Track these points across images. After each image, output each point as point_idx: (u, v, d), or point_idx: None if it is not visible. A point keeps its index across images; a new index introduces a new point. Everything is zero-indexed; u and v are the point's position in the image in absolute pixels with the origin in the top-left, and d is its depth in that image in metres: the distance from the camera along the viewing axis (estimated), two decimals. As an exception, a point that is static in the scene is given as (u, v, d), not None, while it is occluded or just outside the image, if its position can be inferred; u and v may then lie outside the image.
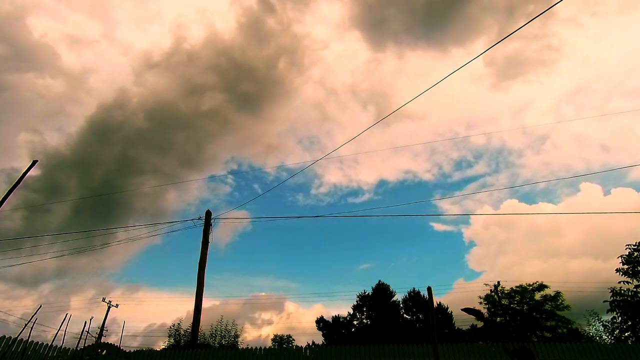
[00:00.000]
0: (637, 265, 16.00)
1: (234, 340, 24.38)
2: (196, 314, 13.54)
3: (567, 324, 25.72)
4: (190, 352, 11.29)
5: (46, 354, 9.36)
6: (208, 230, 15.44)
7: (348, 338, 30.10)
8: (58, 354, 9.90)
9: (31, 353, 9.06)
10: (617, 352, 10.38)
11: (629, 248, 16.57)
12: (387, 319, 29.78)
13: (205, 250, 14.89)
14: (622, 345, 10.75)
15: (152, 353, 11.55)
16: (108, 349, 11.21)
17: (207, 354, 11.32)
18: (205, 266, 14.50)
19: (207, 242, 15.14)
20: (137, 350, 12.07)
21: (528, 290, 28.46)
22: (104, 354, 11.04)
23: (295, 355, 11.21)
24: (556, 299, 27.14)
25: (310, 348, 12.06)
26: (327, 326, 32.45)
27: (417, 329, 29.05)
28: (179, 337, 23.48)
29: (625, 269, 16.20)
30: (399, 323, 29.84)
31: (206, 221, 15.64)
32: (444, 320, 29.98)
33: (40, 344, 9.33)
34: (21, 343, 8.76)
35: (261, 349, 11.33)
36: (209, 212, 15.85)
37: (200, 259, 14.59)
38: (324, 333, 32.32)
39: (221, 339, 24.08)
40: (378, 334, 28.45)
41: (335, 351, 11.09)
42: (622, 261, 16.52)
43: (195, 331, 13.53)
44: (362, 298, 32.80)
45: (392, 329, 28.66)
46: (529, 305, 28.02)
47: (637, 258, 16.14)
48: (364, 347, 11.07)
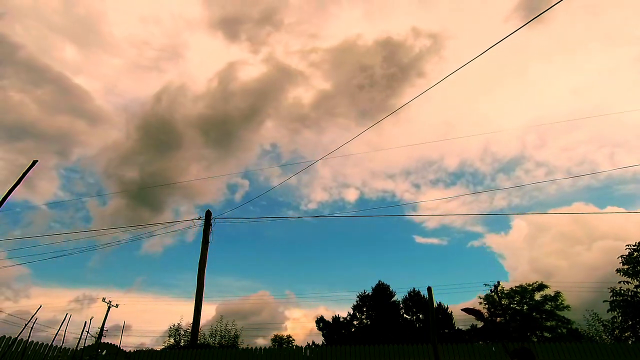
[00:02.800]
0: (637, 265, 16.00)
1: (233, 340, 24.39)
2: (196, 314, 13.54)
3: (567, 324, 25.73)
4: (190, 352, 11.28)
5: (46, 354, 9.36)
6: (208, 230, 15.44)
7: (348, 338, 30.09)
8: (58, 354, 9.89)
9: (31, 353, 9.05)
10: (617, 352, 10.38)
11: (629, 248, 16.57)
12: (387, 319, 29.78)
13: (205, 250, 14.89)
14: (622, 345, 10.75)
15: (152, 353, 11.54)
16: (108, 349, 11.21)
17: (207, 354, 11.32)
18: (205, 266, 14.51)
19: (207, 242, 15.14)
20: (137, 350, 12.07)
21: (528, 290, 28.47)
22: (104, 354, 11.05)
23: (295, 355, 11.20)
24: (556, 299, 27.16)
25: (310, 348, 12.05)
26: (327, 326, 32.45)
27: (417, 329, 29.05)
28: (179, 337, 23.51)
29: (625, 269, 16.21)
30: (399, 323, 29.84)
31: (206, 221, 15.65)
32: (444, 320, 29.99)
33: (40, 344, 9.33)
34: (21, 343, 8.76)
35: (261, 349, 11.33)
36: (209, 212, 15.85)
37: (200, 259, 14.60)
38: (324, 333, 32.32)
39: (221, 339, 24.08)
40: (378, 334, 28.45)
41: (335, 351, 11.09)
42: (622, 261, 16.53)
43: (195, 331, 13.54)
44: (362, 298, 32.80)
45: (392, 329, 28.67)
46: (529, 305, 28.04)
47: (637, 258, 16.14)
48: (364, 347, 11.07)
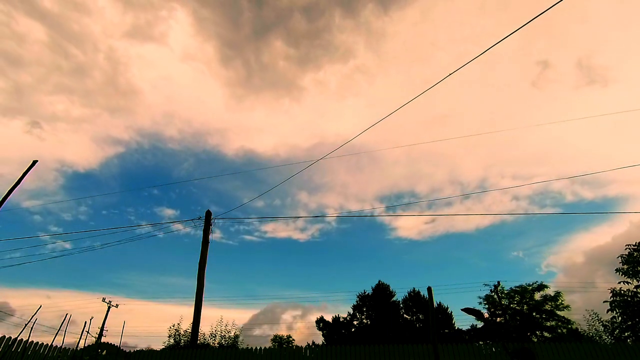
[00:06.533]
0: (637, 265, 16.00)
1: (233, 340, 24.39)
2: (196, 314, 13.54)
3: (567, 324, 25.75)
4: (190, 352, 11.28)
5: (46, 354, 9.36)
6: (208, 230, 15.45)
7: (348, 338, 30.12)
8: (58, 354, 9.90)
9: (31, 353, 9.06)
10: (617, 352, 10.39)
11: (629, 248, 16.57)
12: (387, 319, 29.80)
13: (205, 250, 14.90)
14: (622, 345, 10.76)
15: (152, 353, 11.55)
16: (108, 349, 11.22)
17: (207, 354, 11.32)
18: (205, 266, 14.51)
19: (207, 242, 15.15)
20: (137, 351, 12.07)
21: (528, 290, 28.49)
22: (104, 354, 11.05)
23: (295, 355, 11.20)
24: (556, 299, 27.18)
25: (310, 348, 12.05)
26: (327, 326, 32.47)
27: (417, 329, 29.07)
28: (179, 337, 23.51)
29: (625, 269, 16.21)
30: (399, 323, 29.86)
31: (206, 221, 15.65)
32: (444, 320, 30.01)
33: (40, 344, 9.34)
34: (21, 343, 8.76)
35: (261, 349, 11.33)
36: (208, 212, 15.86)
37: (200, 259, 14.60)
38: (324, 333, 32.35)
39: (221, 339, 24.08)
40: (378, 334, 28.47)
41: (335, 351, 11.09)
42: (622, 261, 16.53)
43: (195, 331, 13.54)
44: (362, 298, 32.82)
45: (392, 329, 28.69)
46: (529, 305, 28.05)
47: (637, 258, 16.14)
48: (364, 347, 11.07)
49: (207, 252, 14.92)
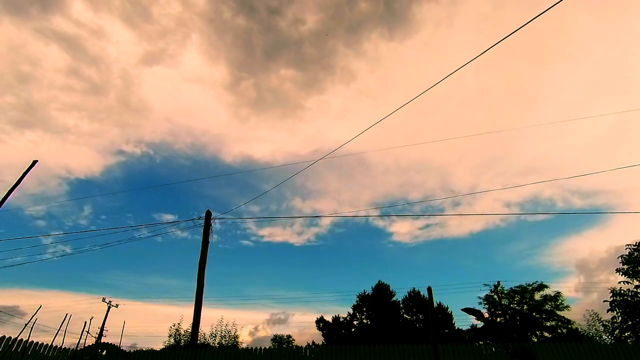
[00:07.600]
0: (637, 265, 16.00)
1: (234, 340, 24.38)
2: (196, 314, 13.54)
3: (567, 324, 25.73)
4: (190, 352, 11.28)
5: (46, 354, 9.36)
6: (208, 230, 15.44)
7: (348, 338, 30.12)
8: (58, 354, 9.89)
9: (31, 353, 9.05)
10: (617, 352, 10.38)
11: (629, 248, 16.58)
12: (387, 319, 29.80)
13: (205, 250, 14.89)
14: (622, 345, 10.75)
15: (152, 353, 11.54)
16: (108, 349, 11.21)
17: (207, 354, 11.32)
18: (205, 266, 14.50)
19: (207, 242, 15.14)
20: (137, 351, 12.06)
21: (528, 290, 28.46)
22: (104, 354, 11.05)
23: (295, 355, 11.20)
24: (556, 299, 27.16)
25: (310, 348, 12.05)
26: (327, 326, 32.47)
27: (417, 329, 29.07)
28: (179, 337, 23.51)
29: (625, 269, 16.21)
30: (399, 323, 29.85)
31: (206, 221, 15.65)
32: (444, 320, 30.00)
33: (40, 344, 9.33)
34: (21, 343, 8.76)
35: (261, 349, 11.33)
36: (208, 212, 15.85)
37: (200, 258, 14.60)
38: (324, 333, 32.34)
39: (221, 339, 24.08)
40: (378, 334, 28.47)
41: (335, 351, 11.08)
42: (622, 261, 16.53)
43: (195, 331, 13.53)
44: (362, 298, 32.81)
45: (392, 329, 28.68)
46: (529, 305, 28.03)
47: (637, 258, 16.14)
48: (364, 347, 11.07)
49: (207, 252, 14.92)
